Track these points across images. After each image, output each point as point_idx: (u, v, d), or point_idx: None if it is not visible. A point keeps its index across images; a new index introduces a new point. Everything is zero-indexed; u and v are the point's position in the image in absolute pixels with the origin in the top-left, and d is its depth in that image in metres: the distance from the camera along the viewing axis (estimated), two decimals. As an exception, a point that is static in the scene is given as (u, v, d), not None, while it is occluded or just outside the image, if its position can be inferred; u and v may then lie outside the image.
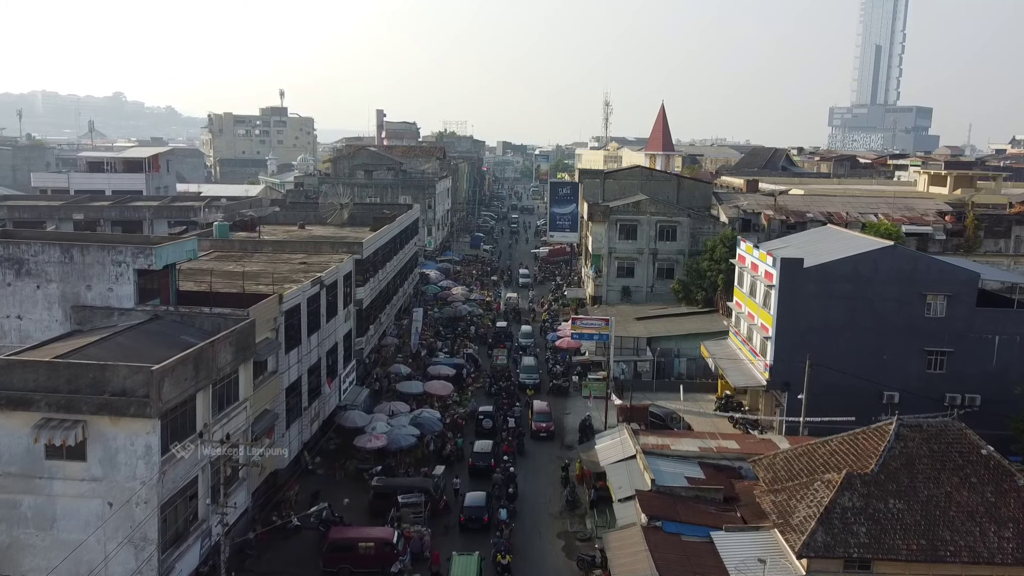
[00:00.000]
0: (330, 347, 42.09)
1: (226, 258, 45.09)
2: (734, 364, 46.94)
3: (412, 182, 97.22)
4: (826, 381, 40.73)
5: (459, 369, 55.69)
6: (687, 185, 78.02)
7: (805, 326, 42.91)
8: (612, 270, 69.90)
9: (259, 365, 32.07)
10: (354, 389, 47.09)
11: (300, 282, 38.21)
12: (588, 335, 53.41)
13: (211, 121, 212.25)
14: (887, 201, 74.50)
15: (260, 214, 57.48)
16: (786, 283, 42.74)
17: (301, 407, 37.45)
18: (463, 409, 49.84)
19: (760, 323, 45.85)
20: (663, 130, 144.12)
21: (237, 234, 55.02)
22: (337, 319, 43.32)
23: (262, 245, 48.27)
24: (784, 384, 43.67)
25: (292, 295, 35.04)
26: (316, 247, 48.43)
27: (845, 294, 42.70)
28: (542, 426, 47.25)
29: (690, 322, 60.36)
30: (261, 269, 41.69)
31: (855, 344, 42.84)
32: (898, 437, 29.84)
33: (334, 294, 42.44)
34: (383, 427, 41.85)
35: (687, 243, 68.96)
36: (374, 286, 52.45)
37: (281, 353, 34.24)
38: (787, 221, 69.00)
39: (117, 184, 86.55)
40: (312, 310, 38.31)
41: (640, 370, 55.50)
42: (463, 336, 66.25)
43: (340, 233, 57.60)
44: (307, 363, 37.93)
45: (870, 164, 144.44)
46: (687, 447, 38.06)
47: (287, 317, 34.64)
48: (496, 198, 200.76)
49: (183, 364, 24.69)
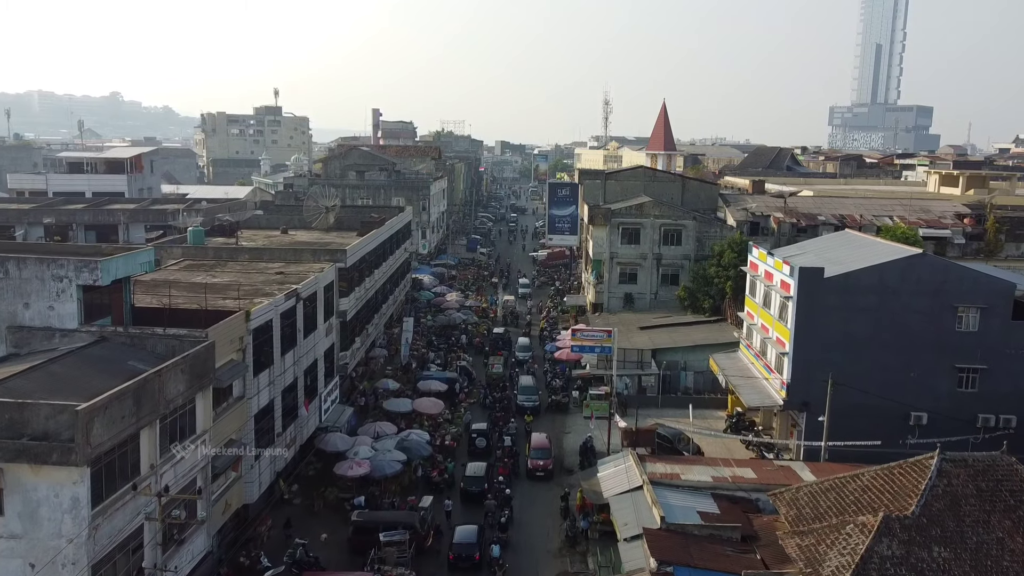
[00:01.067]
0: (309, 364, 38.65)
1: (197, 267, 41.62)
2: (747, 382, 43.46)
3: (406, 183, 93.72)
4: (848, 401, 37.33)
5: (451, 384, 52.27)
6: (692, 186, 74.57)
7: (825, 341, 39.45)
8: (614, 276, 66.41)
9: (222, 391, 28.64)
10: (337, 408, 43.63)
11: (273, 295, 34.76)
12: (589, 348, 49.94)
13: (204, 121, 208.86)
14: (902, 203, 71.09)
15: (238, 218, 54.02)
16: (805, 294, 39.28)
17: (274, 434, 33.99)
18: (455, 428, 46.38)
19: (775, 337, 42.39)
20: (664, 129, 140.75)
21: (215, 240, 51.65)
22: (317, 334, 39.87)
23: (238, 253, 44.82)
24: (802, 404, 40.22)
25: (262, 311, 31.57)
26: (296, 255, 44.97)
27: (869, 306, 39.24)
28: (539, 464, 41.81)
29: (697, 332, 56.91)
30: (232, 280, 38.22)
31: (879, 361, 39.39)
32: (941, 473, 26.36)
33: (313, 306, 39.00)
34: (366, 452, 38.39)
35: (693, 248, 65.49)
36: (360, 295, 49.00)
37: (249, 376, 30.79)
38: (798, 224, 65.65)
39: (98, 186, 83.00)
40: (287, 326, 34.85)
41: (644, 384, 52.04)
42: (456, 347, 62.79)
43: (324, 239, 54.11)
44: (281, 384, 34.48)
45: (876, 164, 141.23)
46: (699, 476, 34.62)
47: (256, 336, 31.19)
48: (494, 199, 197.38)
49: (120, 400, 21.23)
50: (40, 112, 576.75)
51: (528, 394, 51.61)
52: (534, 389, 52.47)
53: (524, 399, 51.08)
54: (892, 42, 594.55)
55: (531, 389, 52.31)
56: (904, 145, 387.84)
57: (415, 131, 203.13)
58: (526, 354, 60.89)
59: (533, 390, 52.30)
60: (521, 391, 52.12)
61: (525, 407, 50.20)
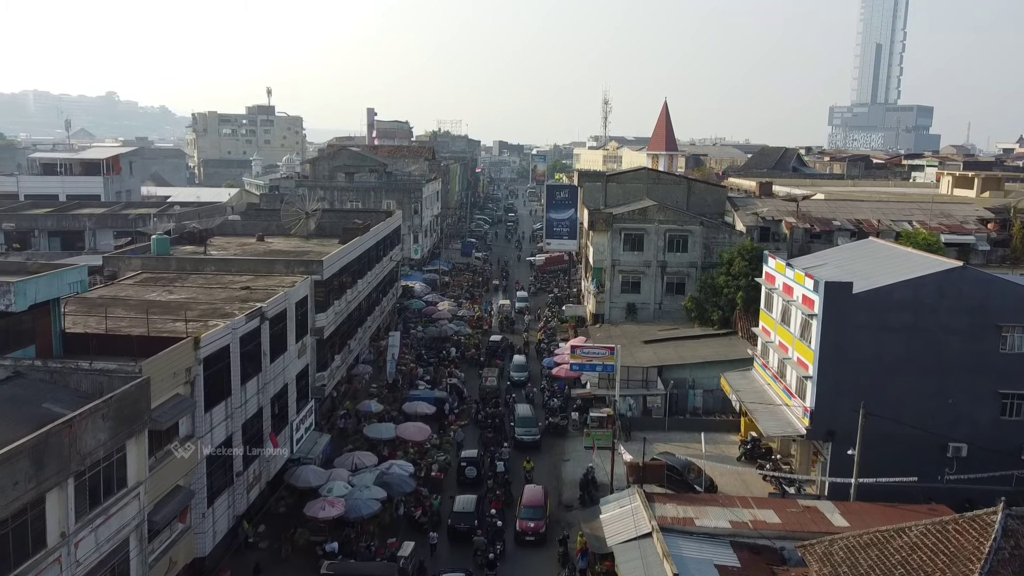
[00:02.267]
0: (277, 391, 34.54)
1: (154, 282, 37.48)
2: (765, 408, 39.35)
3: (397, 185, 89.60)
4: (877, 430, 33.25)
5: (441, 404, 48.19)
6: (698, 189, 70.47)
7: (854, 364, 35.38)
8: (616, 285, 62.31)
9: (164, 432, 24.56)
10: (311, 436, 39.51)
11: (233, 315, 30.66)
12: (590, 366, 45.82)
13: (195, 120, 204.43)
14: (921, 207, 66.98)
15: (207, 225, 49.90)
16: (832, 312, 35.20)
17: (233, 474, 29.89)
18: (443, 456, 42.27)
19: (797, 358, 38.31)
20: (666, 129, 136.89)
21: (183, 249, 47.59)
22: (287, 356, 35.76)
23: (203, 264, 40.67)
24: (828, 433, 36.14)
25: (214, 337, 27.45)
26: (268, 266, 40.84)
27: (902, 325, 35.18)
28: (529, 526, 34.60)
29: (706, 347, 52.84)
30: (190, 297, 34.10)
31: (914, 386, 35.33)
32: (1006, 533, 22.27)
33: (282, 325, 34.89)
34: (341, 489, 34.28)
35: (700, 255, 61.42)
36: (340, 309, 44.90)
37: (199, 412, 26.69)
38: (812, 230, 61.59)
39: (72, 188, 78.81)
40: (248, 350, 30.74)
41: (650, 405, 47.96)
42: (447, 362, 58.66)
43: (303, 247, 50.01)
44: (241, 417, 30.38)
45: (884, 164, 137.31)
46: (716, 521, 30.54)
47: (208, 365, 27.09)
48: (491, 200, 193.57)
49: (11, 462, 17.13)
50: (35, 112, 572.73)
51: (527, 426, 45.66)
52: (533, 421, 46.47)
53: (523, 432, 45.17)
54: (892, 42, 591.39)
55: (530, 421, 46.28)
56: (905, 145, 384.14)
57: (411, 131, 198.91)
58: (522, 374, 55.98)
59: (532, 421, 46.29)
60: (519, 423, 46.09)
61: (524, 441, 44.63)
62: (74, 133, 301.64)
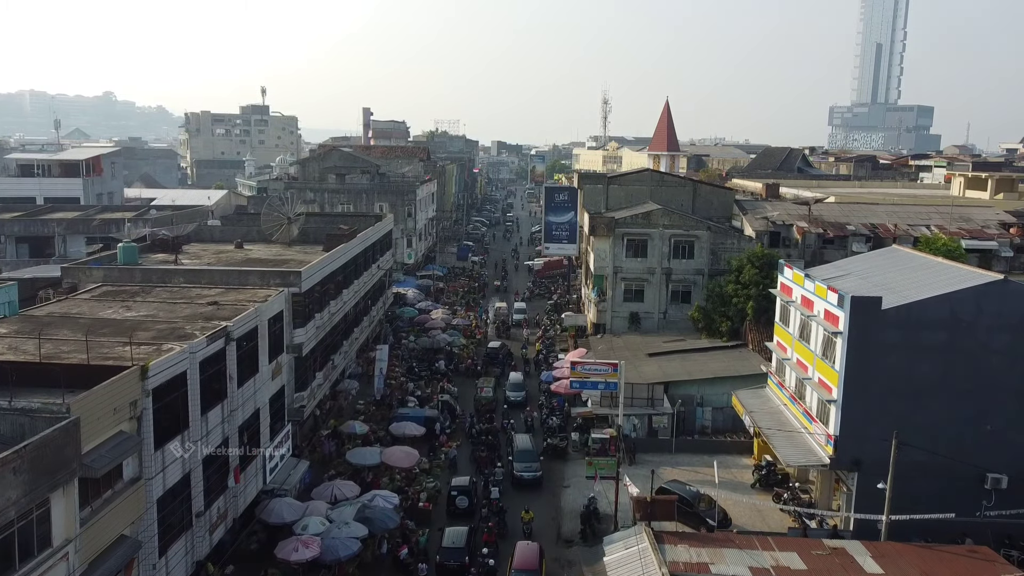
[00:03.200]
0: (247, 418, 31.24)
1: (114, 296, 34.15)
2: (784, 434, 36.02)
3: (390, 187, 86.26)
4: (907, 458, 29.88)
5: (431, 424, 44.92)
6: (704, 191, 67.17)
7: (883, 387, 32.11)
8: (618, 293, 59.05)
9: (104, 478, 21.27)
10: (288, 463, 36.23)
11: (193, 337, 27.36)
12: (591, 384, 42.55)
13: (188, 120, 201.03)
14: (938, 210, 63.76)
15: (180, 232, 46.61)
16: (859, 329, 31.91)
17: (192, 515, 26.58)
18: (432, 483, 38.97)
19: (818, 378, 35.03)
20: (668, 129, 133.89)
21: (154, 257, 44.31)
22: (259, 378, 32.47)
23: (172, 275, 37.35)
24: (853, 463, 32.89)
25: (167, 364, 24.15)
26: (242, 277, 37.52)
27: (937, 345, 31.91)
28: None
29: (715, 360, 49.57)
30: (149, 315, 30.79)
31: (949, 411, 32.07)
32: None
33: (252, 345, 31.59)
34: (317, 526, 30.98)
35: (707, 261, 58.17)
36: (322, 323, 41.62)
37: (147, 451, 23.40)
38: (825, 235, 58.37)
39: (50, 190, 75.62)
40: (211, 375, 27.45)
41: (656, 426, 44.67)
42: (438, 375, 55.33)
43: (284, 255, 46.71)
44: (202, 451, 27.07)
45: (891, 165, 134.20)
46: (734, 568, 27.19)
47: (159, 396, 23.79)
48: (489, 201, 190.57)
49: None
50: (32, 112, 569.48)
51: (527, 461, 40.42)
52: (534, 454, 41.32)
53: (522, 469, 40.05)
54: (892, 41, 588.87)
55: (530, 455, 41.04)
56: (905, 145, 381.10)
57: (408, 131, 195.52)
58: (518, 393, 51.80)
59: (533, 455, 41.10)
60: (518, 457, 40.81)
61: (523, 479, 39.83)
62: (69, 133, 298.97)
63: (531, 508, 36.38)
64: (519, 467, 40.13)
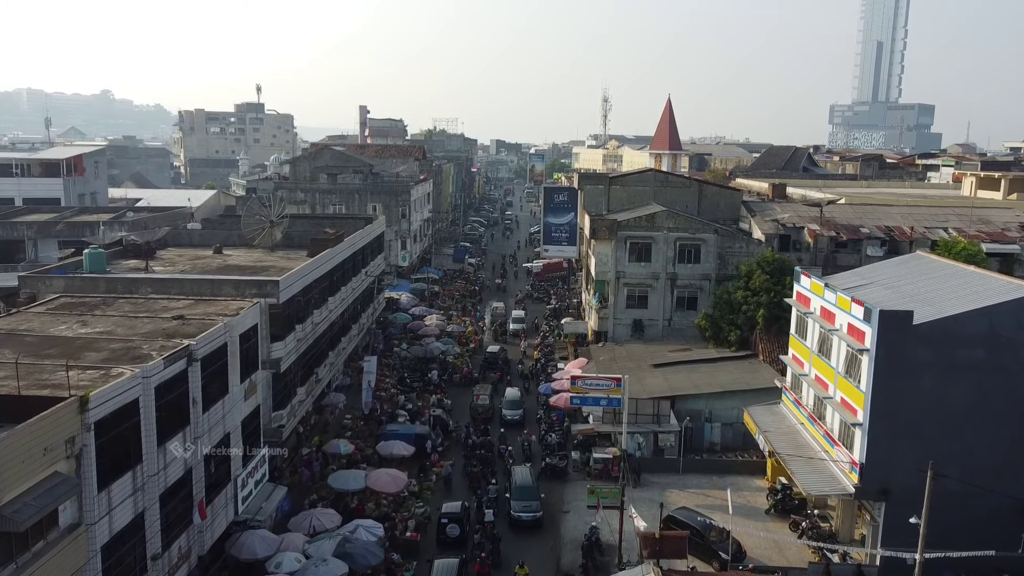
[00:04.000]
0: (216, 442, 28.35)
1: (72, 309, 31.23)
2: (804, 461, 33.07)
3: (384, 187, 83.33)
4: (941, 488, 27.02)
5: (422, 442, 42.04)
6: (710, 192, 64.28)
7: (914, 410, 29.25)
8: (620, 299, 56.16)
9: (33, 529, 18.41)
10: (264, 489, 33.32)
11: (149, 358, 24.46)
12: (593, 400, 39.71)
13: (182, 118, 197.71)
14: (955, 212, 60.93)
15: (153, 236, 43.64)
16: (888, 347, 29.04)
17: (147, 559, 23.68)
18: (421, 509, 36.09)
19: (840, 398, 32.18)
20: (670, 127, 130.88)
21: (126, 263, 41.44)
22: (229, 399, 29.59)
23: (138, 285, 34.44)
24: (881, 492, 30.05)
25: (112, 393, 21.26)
26: (214, 287, 34.62)
27: (974, 363, 29.06)
28: None
29: (723, 372, 46.74)
30: (105, 331, 27.86)
31: (987, 436, 29.25)
32: None
33: (221, 364, 28.70)
34: (291, 563, 28.13)
35: (714, 266, 55.28)
36: (304, 335, 38.73)
37: (89, 493, 20.53)
38: (838, 238, 55.51)
39: (30, 191, 72.61)
40: (169, 402, 24.55)
41: (662, 444, 41.79)
42: (431, 387, 52.42)
43: (264, 261, 43.81)
44: (158, 487, 24.16)
45: (897, 164, 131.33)
46: (753, 617, 24.48)
47: (103, 430, 20.92)
48: (487, 201, 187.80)
49: None
50: (28, 110, 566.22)
51: (526, 500, 35.51)
52: (535, 492, 36.16)
53: (521, 508, 35.24)
54: (893, 39, 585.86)
55: (530, 492, 35.98)
56: (906, 144, 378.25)
57: (405, 129, 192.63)
58: (516, 412, 48.10)
59: (533, 493, 36.01)
60: (517, 495, 35.84)
61: (522, 520, 35.04)
62: (65, 132, 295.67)
63: (529, 544, 33.48)
64: (517, 507, 35.49)
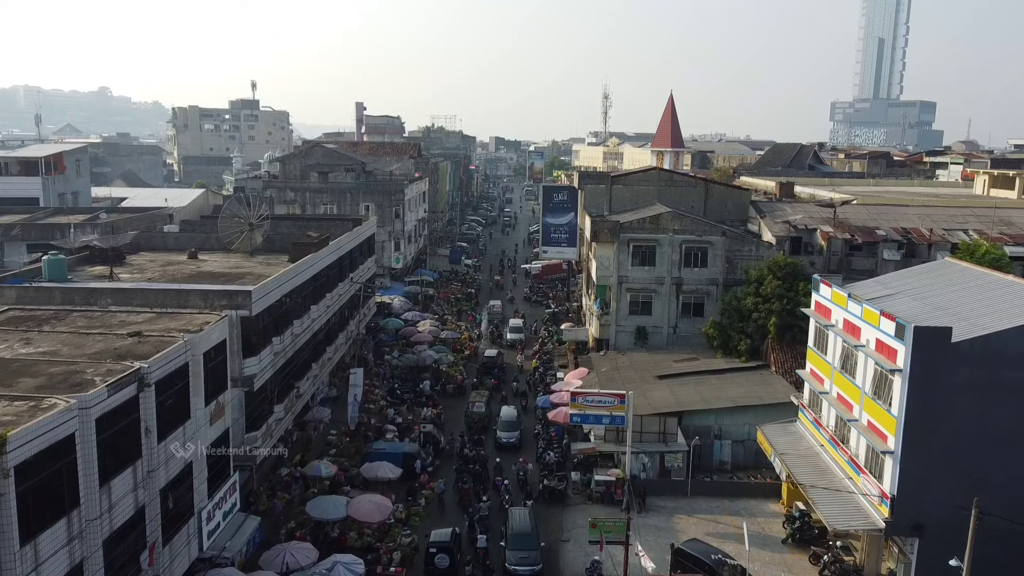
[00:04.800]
0: (172, 478, 25.34)
1: (18, 324, 28.25)
2: (828, 494, 30.08)
3: (376, 186, 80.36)
4: (982, 523, 24.29)
5: (410, 461, 39.12)
6: (717, 192, 61.33)
7: (952, 436, 26.39)
8: (623, 305, 53.20)
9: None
10: (234, 520, 30.40)
11: (91, 385, 21.52)
12: (595, 418, 36.87)
13: (175, 116, 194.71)
14: (973, 212, 57.98)
15: (120, 241, 40.69)
16: (924, 366, 26.12)
17: (86, 615, 20.76)
18: (408, 538, 33.15)
19: (867, 421, 29.26)
20: (672, 124, 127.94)
21: (94, 270, 38.51)
22: (192, 424, 26.63)
23: (97, 295, 31.49)
24: (914, 528, 27.16)
25: (37, 431, 18.32)
26: (181, 298, 31.67)
27: (1020, 386, 26.20)
28: None
29: (733, 385, 43.83)
30: (50, 351, 24.86)
31: (1033, 466, 26.41)
32: None
33: (181, 386, 25.74)
34: (260, 610, 25.27)
35: (721, 270, 52.35)
36: (281, 348, 35.81)
37: (9, 548, 17.61)
38: (852, 240, 52.53)
39: (7, 190, 69.69)
40: (114, 434, 21.61)
41: (669, 465, 38.86)
42: (422, 399, 49.45)
43: (242, 267, 40.86)
44: (101, 532, 21.23)
45: (905, 162, 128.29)
46: None
47: (27, 473, 18.00)
48: (486, 199, 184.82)
49: None
50: (26, 107, 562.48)
51: (525, 550, 31.08)
52: (533, 540, 31.59)
53: (518, 560, 30.77)
54: (895, 36, 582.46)
55: (529, 540, 31.49)
56: (908, 141, 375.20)
57: (403, 126, 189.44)
58: (512, 435, 44.06)
59: (531, 541, 31.48)
60: (513, 542, 31.43)
61: (519, 574, 30.67)
62: (60, 128, 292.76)
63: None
64: (514, 557, 30.95)
